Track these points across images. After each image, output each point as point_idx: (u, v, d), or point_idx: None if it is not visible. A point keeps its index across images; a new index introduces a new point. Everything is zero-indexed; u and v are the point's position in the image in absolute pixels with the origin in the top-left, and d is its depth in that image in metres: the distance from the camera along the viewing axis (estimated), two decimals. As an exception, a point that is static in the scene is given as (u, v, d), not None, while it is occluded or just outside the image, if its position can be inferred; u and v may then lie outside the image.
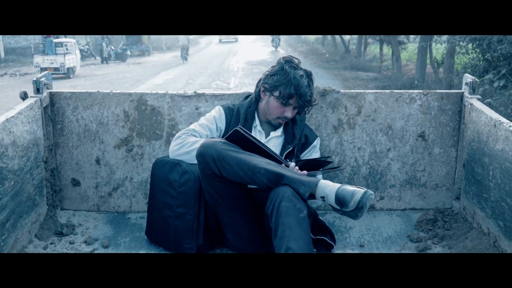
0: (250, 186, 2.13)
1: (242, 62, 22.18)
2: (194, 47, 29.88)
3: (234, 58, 24.77)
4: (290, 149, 2.32)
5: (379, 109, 2.58)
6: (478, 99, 2.43)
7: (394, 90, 2.58)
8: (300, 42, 38.14)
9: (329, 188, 1.88)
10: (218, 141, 1.99)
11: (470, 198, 2.39)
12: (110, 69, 20.62)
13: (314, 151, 2.42)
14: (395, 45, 16.59)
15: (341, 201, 1.83)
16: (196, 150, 2.04)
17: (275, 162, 2.00)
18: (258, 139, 2.05)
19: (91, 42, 27.17)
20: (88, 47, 25.15)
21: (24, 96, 2.39)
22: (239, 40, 43.68)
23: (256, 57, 24.73)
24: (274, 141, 2.36)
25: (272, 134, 2.36)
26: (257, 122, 2.35)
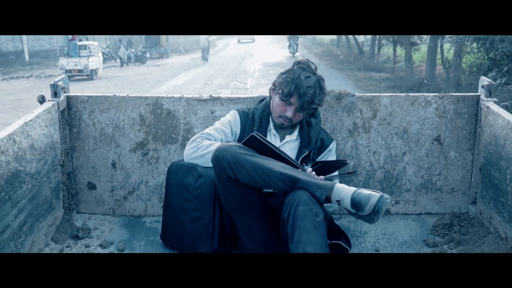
0: (266, 190, 2.13)
1: (258, 64, 22.21)
2: (211, 50, 30.03)
3: (251, 60, 24.82)
4: (306, 153, 2.30)
5: (395, 112, 2.56)
6: (495, 102, 2.40)
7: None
8: (315, 44, 38.15)
9: (344, 191, 1.86)
10: (233, 145, 1.99)
11: (486, 202, 2.36)
12: (130, 71, 20.83)
13: (330, 155, 2.40)
14: (407, 45, 16.53)
15: (356, 205, 1.81)
16: (210, 154, 2.04)
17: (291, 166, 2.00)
18: (274, 145, 2.04)
19: (111, 45, 27.46)
20: (109, 50, 25.45)
21: (41, 99, 2.42)
22: (256, 41, 43.88)
23: (271, 59, 24.73)
24: (290, 144, 2.34)
25: (287, 137, 2.35)
26: (271, 125, 2.35)
